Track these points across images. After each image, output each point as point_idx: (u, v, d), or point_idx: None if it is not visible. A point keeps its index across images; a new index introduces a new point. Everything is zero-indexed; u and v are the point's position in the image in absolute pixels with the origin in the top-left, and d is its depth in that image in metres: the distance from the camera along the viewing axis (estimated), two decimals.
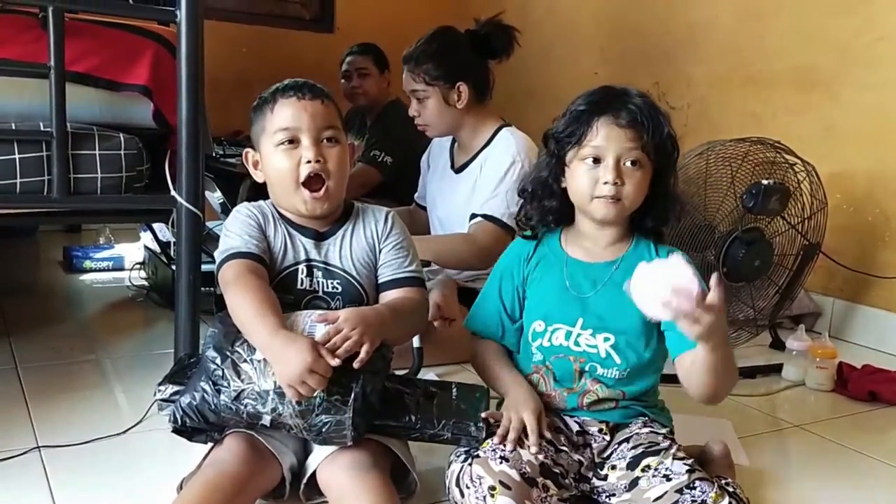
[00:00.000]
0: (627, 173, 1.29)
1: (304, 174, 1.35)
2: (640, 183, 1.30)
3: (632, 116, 1.29)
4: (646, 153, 1.29)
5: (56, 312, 2.64)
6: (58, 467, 1.45)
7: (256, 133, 1.41)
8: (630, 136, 1.28)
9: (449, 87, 2.20)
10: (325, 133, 1.37)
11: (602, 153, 1.29)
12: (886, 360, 2.33)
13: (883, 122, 2.53)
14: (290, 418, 1.23)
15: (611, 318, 1.34)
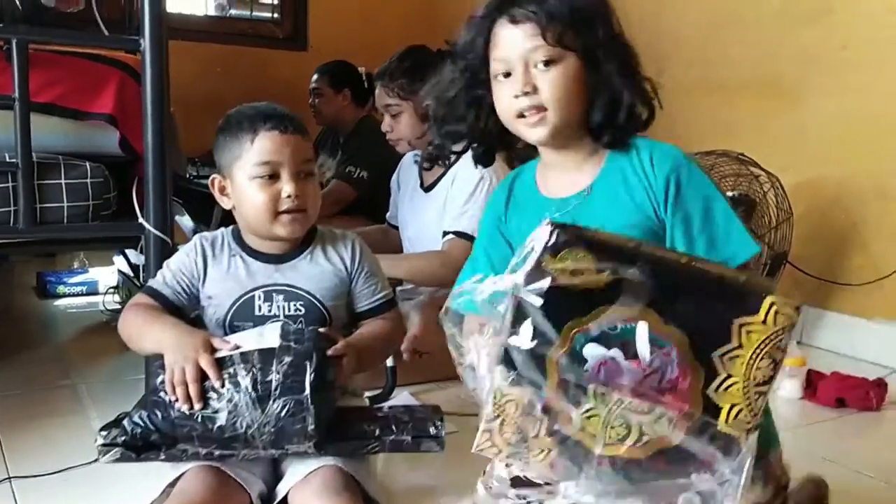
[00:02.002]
0: (540, 76, 1.08)
1: (284, 208, 1.36)
2: (563, 82, 1.08)
3: (527, 7, 1.08)
4: (557, 44, 1.07)
5: (30, 338, 2.62)
6: (29, 498, 1.45)
7: (228, 159, 1.39)
8: (530, 31, 1.07)
9: (422, 102, 2.23)
10: (303, 167, 1.38)
11: (508, 64, 1.10)
12: (855, 364, 2.37)
13: (848, 129, 2.58)
14: (247, 410, 1.22)
15: None
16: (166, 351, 1.27)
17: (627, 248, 0.80)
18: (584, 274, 0.79)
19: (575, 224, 0.89)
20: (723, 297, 0.75)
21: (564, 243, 0.81)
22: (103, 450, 1.27)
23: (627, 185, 1.10)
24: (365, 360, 1.39)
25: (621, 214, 1.10)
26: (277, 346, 1.26)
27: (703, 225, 1.07)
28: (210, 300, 1.41)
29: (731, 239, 1.06)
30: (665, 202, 1.08)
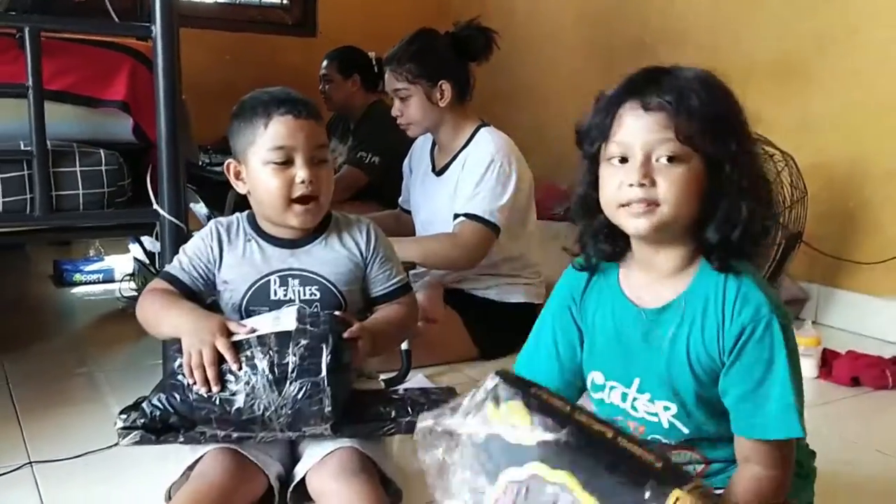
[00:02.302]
0: (661, 171, 0.98)
1: (298, 194, 1.36)
2: (683, 182, 0.98)
3: (663, 97, 0.98)
4: (687, 143, 0.97)
5: (47, 326, 2.65)
6: (50, 482, 1.47)
7: (242, 144, 1.39)
8: (662, 122, 0.98)
9: (431, 86, 2.23)
10: (317, 153, 1.38)
11: (628, 149, 1.00)
12: (868, 342, 2.36)
13: (860, 110, 2.56)
14: (264, 392, 1.23)
15: (672, 382, 1.06)
16: (183, 335, 1.28)
17: (562, 412, 0.82)
18: (520, 429, 0.82)
19: (520, 378, 0.88)
20: (636, 481, 0.76)
21: (505, 396, 0.84)
22: (123, 432, 1.28)
23: (705, 315, 1.04)
24: (380, 344, 1.39)
25: (696, 345, 1.05)
26: (294, 329, 1.27)
27: (754, 389, 1.01)
28: (226, 285, 1.42)
29: (776, 415, 1.00)
30: (732, 349, 1.02)
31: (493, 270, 2.28)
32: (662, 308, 1.07)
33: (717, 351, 1.03)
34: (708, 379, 1.05)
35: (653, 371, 1.08)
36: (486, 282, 2.29)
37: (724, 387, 1.04)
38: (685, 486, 0.73)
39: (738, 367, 1.02)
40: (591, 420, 0.82)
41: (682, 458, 1.15)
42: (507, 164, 2.18)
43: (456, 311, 2.21)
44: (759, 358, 1.01)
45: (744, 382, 1.02)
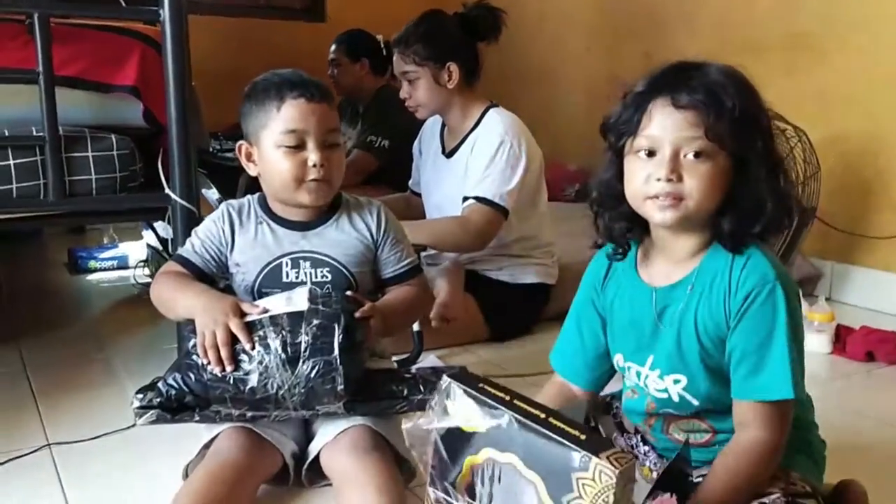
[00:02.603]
0: (689, 167, 1.02)
1: (310, 178, 1.37)
2: (709, 178, 1.02)
3: (694, 95, 1.01)
4: (715, 141, 1.01)
5: (63, 313, 2.68)
6: (68, 463, 1.49)
7: (254, 126, 1.40)
8: (691, 120, 1.01)
9: (439, 68, 2.22)
10: (329, 137, 1.39)
11: (657, 143, 1.04)
12: (883, 319, 2.35)
13: (873, 83, 2.54)
14: (278, 372, 1.24)
15: (682, 354, 1.12)
16: (197, 315, 1.29)
17: (504, 401, 0.93)
18: (472, 419, 0.95)
19: (469, 375, 1.01)
20: (565, 451, 0.87)
21: (456, 393, 0.97)
22: (139, 412, 1.30)
23: (713, 286, 1.08)
24: (391, 324, 1.40)
25: (704, 316, 1.09)
26: (306, 310, 1.28)
27: (755, 351, 1.06)
28: (238, 267, 1.43)
29: (773, 376, 1.05)
30: (737, 313, 1.06)
31: (505, 251, 2.28)
32: (674, 285, 1.12)
33: (723, 318, 1.07)
34: (715, 348, 1.10)
35: (664, 347, 1.13)
36: (499, 262, 2.29)
37: (728, 348, 1.08)
38: (605, 452, 0.83)
39: (740, 329, 1.06)
40: (528, 405, 0.93)
41: (690, 426, 1.18)
42: (516, 145, 2.17)
43: (469, 293, 2.22)
44: (761, 322, 1.05)
45: (745, 344, 1.06)
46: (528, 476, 0.91)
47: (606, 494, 0.83)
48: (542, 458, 0.89)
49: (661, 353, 1.13)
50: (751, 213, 1.04)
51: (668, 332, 1.12)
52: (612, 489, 0.83)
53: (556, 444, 0.87)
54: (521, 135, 2.21)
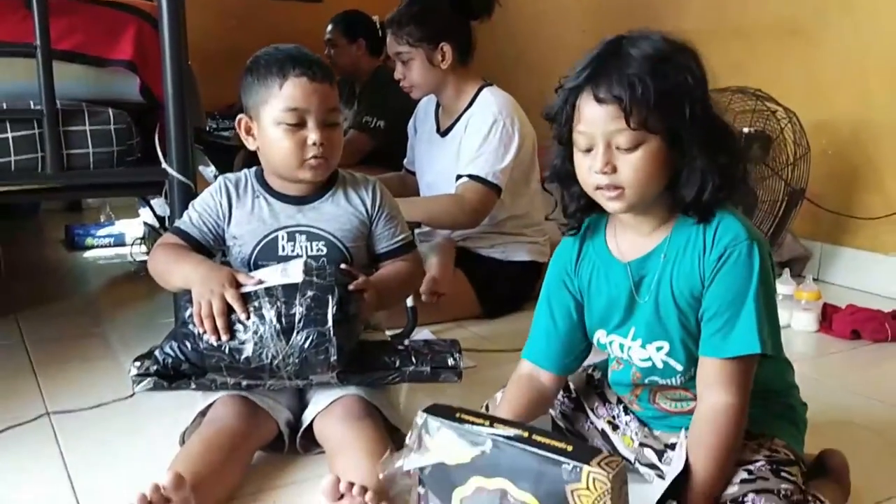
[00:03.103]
0: (621, 158, 1.06)
1: (309, 156, 1.38)
2: (642, 165, 1.06)
3: (612, 89, 1.04)
4: (640, 129, 1.04)
5: (60, 289, 2.70)
6: (67, 431, 1.52)
7: (255, 101, 1.41)
8: (613, 113, 1.04)
9: (432, 48, 2.24)
10: (329, 116, 1.40)
11: (590, 139, 1.07)
12: (870, 299, 2.38)
13: (864, 67, 2.55)
14: (272, 342, 1.27)
15: (662, 321, 1.15)
16: (193, 285, 1.32)
17: (484, 426, 0.92)
18: (454, 451, 0.94)
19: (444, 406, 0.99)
20: (555, 464, 0.86)
21: (433, 427, 0.95)
22: (137, 379, 1.33)
23: (686, 250, 1.12)
24: (385, 298, 1.43)
25: (679, 279, 1.12)
26: (301, 281, 1.30)
27: (728, 307, 1.08)
28: (235, 240, 1.45)
29: (741, 332, 1.07)
30: (711, 272, 1.09)
31: (497, 229, 2.31)
32: (646, 256, 1.15)
33: (698, 278, 1.11)
34: (692, 310, 1.13)
35: (643, 317, 1.16)
36: (491, 240, 2.31)
37: (703, 306, 1.11)
38: (595, 459, 0.84)
39: (714, 287, 1.10)
40: (509, 426, 0.93)
41: (677, 395, 1.20)
42: (509, 124, 2.19)
43: (461, 269, 2.24)
44: (735, 279, 1.08)
45: (719, 301, 1.09)
46: (520, 498, 0.90)
47: (604, 500, 0.84)
48: (533, 477, 0.88)
49: (642, 323, 1.16)
50: (696, 185, 1.07)
51: (647, 302, 1.15)
52: (609, 494, 0.83)
53: (544, 460, 0.87)
54: (515, 113, 2.23)
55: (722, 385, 1.09)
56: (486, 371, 1.81)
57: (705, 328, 1.11)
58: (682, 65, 1.06)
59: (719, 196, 1.08)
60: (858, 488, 1.28)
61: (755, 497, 1.04)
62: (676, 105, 1.04)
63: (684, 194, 1.08)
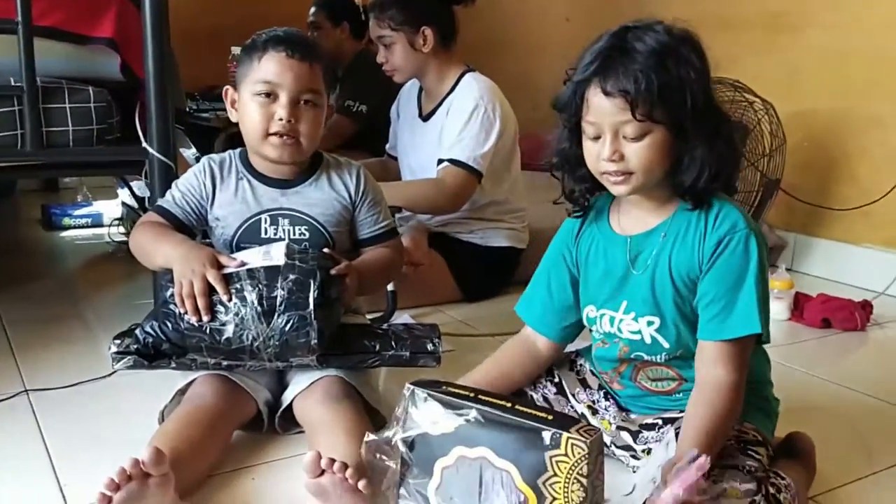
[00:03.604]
0: (628, 146, 1.12)
1: (274, 130, 1.39)
2: (648, 153, 1.12)
3: (618, 83, 1.09)
4: (645, 120, 1.09)
5: (37, 269, 2.69)
6: (46, 409, 1.52)
7: (240, 75, 1.43)
8: (620, 105, 1.09)
9: (414, 32, 2.24)
10: (305, 95, 1.40)
11: (598, 129, 1.13)
12: (842, 289, 2.42)
13: (844, 62, 2.59)
14: (253, 324, 1.27)
15: (656, 297, 1.20)
16: (175, 265, 1.32)
17: (468, 397, 0.96)
18: (438, 423, 0.97)
19: (430, 381, 1.04)
20: (536, 432, 0.90)
21: (420, 398, 0.99)
22: (116, 357, 1.33)
23: (687, 231, 1.17)
24: (366, 283, 1.44)
25: (677, 259, 1.17)
26: (282, 264, 1.31)
27: (726, 293, 1.14)
28: (218, 221, 1.45)
29: (741, 315, 1.13)
30: (710, 257, 1.15)
31: (477, 214, 2.32)
32: (647, 232, 1.21)
33: (696, 261, 1.16)
34: (688, 291, 1.18)
35: (638, 291, 1.21)
36: (471, 225, 2.33)
37: (700, 293, 1.17)
38: (573, 427, 0.88)
39: (713, 273, 1.15)
40: (493, 398, 0.97)
41: (659, 373, 1.24)
42: (490, 109, 2.21)
43: (440, 254, 2.26)
44: (732, 267, 1.14)
45: (717, 287, 1.15)
46: (501, 466, 0.93)
47: (581, 466, 0.87)
48: (513, 446, 0.92)
49: (636, 297, 1.21)
50: (695, 172, 1.13)
51: (642, 276, 1.20)
52: (585, 460, 0.87)
53: (525, 429, 0.91)
54: (496, 99, 2.24)
55: (720, 364, 1.14)
56: (465, 355, 1.81)
57: (703, 314, 1.16)
58: (684, 57, 1.12)
59: (713, 185, 1.14)
60: (824, 470, 1.32)
61: (720, 472, 1.08)
62: (679, 97, 1.10)
63: (683, 179, 1.14)
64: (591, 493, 0.88)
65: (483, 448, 0.95)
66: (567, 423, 0.90)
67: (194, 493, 1.22)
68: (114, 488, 1.01)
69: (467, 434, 0.95)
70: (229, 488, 1.26)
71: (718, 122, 1.15)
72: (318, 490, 1.05)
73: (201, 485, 1.24)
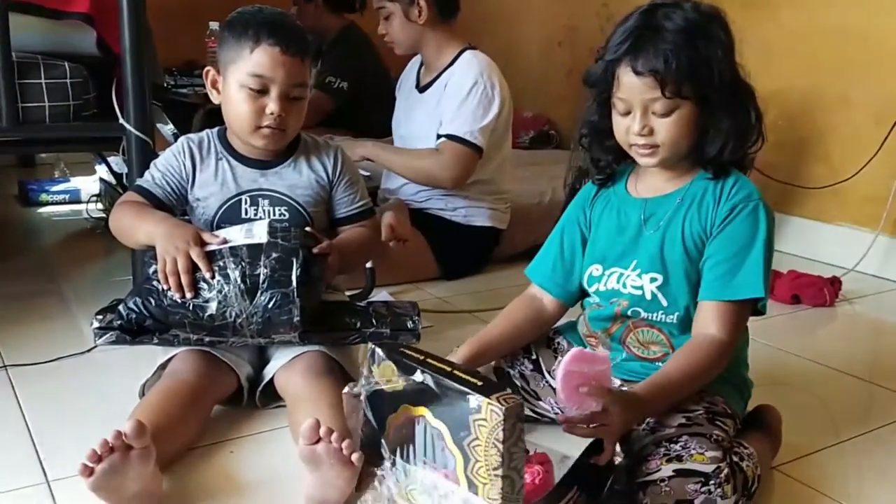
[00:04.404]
0: (657, 121, 1.18)
1: (264, 124, 1.39)
2: (676, 127, 1.18)
3: (649, 63, 1.14)
4: (673, 97, 1.15)
5: (14, 245, 2.67)
6: (25, 384, 1.53)
7: (225, 58, 1.41)
8: (650, 83, 1.15)
9: (409, 3, 2.25)
10: (294, 91, 1.40)
11: (628, 105, 1.19)
12: (814, 266, 2.45)
13: (817, 41, 2.61)
14: (236, 301, 1.29)
15: (663, 255, 1.24)
16: (158, 242, 1.32)
17: (417, 360, 1.03)
18: (391, 381, 1.04)
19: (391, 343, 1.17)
20: (464, 396, 0.95)
21: (379, 357, 1.07)
22: (99, 332, 1.34)
23: (703, 197, 1.23)
24: (347, 261, 1.46)
25: (691, 222, 1.22)
26: (265, 243, 1.32)
27: (734, 255, 1.19)
28: (199, 202, 1.46)
29: (746, 277, 1.18)
30: (722, 221, 1.20)
31: (460, 192, 2.31)
32: (664, 196, 1.27)
33: (709, 223, 1.22)
34: (697, 253, 1.23)
35: (647, 249, 1.26)
36: (453, 203, 2.33)
37: (707, 253, 1.22)
38: (495, 394, 0.93)
39: (723, 235, 1.21)
40: (440, 363, 1.02)
41: (650, 336, 1.29)
42: (489, 86, 2.21)
43: (420, 232, 2.27)
44: (743, 231, 1.20)
45: (725, 249, 1.20)
46: (436, 425, 0.99)
47: (497, 432, 0.92)
48: (447, 407, 0.98)
49: (644, 255, 1.26)
50: (719, 144, 1.19)
51: (653, 235, 1.25)
52: (501, 426, 0.91)
53: (457, 393, 0.96)
54: (496, 76, 2.25)
55: (716, 323, 1.19)
56: (443, 332, 1.85)
57: (708, 273, 1.21)
58: (712, 35, 1.17)
59: (735, 156, 1.20)
60: (792, 441, 1.36)
61: (688, 439, 1.12)
62: (707, 73, 1.15)
63: (707, 150, 1.20)
64: (507, 459, 0.92)
65: (423, 408, 1.01)
66: (491, 390, 0.94)
67: (174, 465, 1.24)
68: (96, 460, 1.02)
69: (412, 393, 1.02)
70: (208, 461, 1.29)
71: (743, 95, 1.20)
72: (312, 457, 1.07)
73: (181, 457, 1.27)
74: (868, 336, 2.10)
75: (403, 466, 1.05)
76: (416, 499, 1.04)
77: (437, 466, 1.00)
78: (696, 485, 1.07)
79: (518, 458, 0.94)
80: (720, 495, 1.07)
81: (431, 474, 1.01)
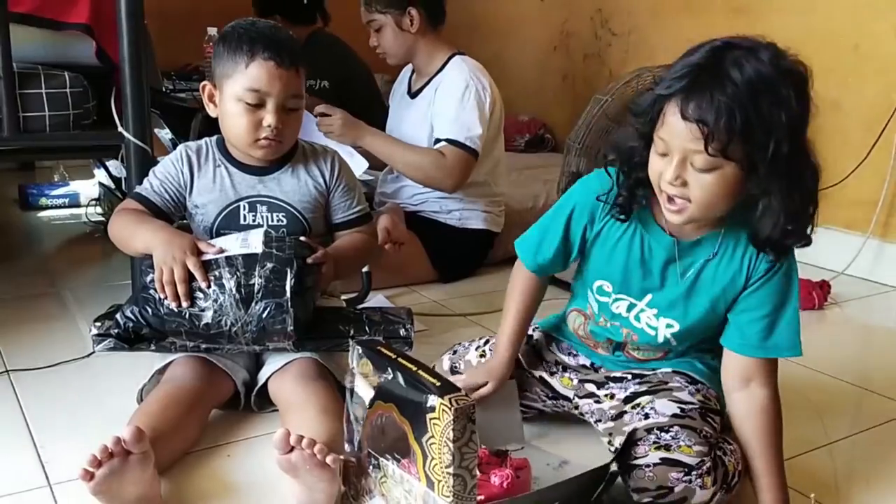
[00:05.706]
0: (693, 176, 1.05)
1: (262, 136, 1.42)
2: (711, 189, 1.05)
3: (700, 111, 1.01)
4: (716, 156, 1.02)
5: (15, 248, 2.69)
6: (27, 388, 1.55)
7: (221, 72, 1.43)
8: (695, 133, 1.01)
9: (400, 13, 2.27)
10: (290, 102, 1.43)
11: (668, 147, 1.06)
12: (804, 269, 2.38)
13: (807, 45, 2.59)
14: (231, 310, 1.32)
15: (687, 307, 1.22)
16: (155, 251, 1.35)
17: (390, 359, 1.07)
18: (369, 376, 1.10)
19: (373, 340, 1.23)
20: (422, 395, 1.00)
21: (362, 355, 1.12)
22: (97, 339, 1.36)
23: (734, 254, 1.18)
24: (342, 268, 1.48)
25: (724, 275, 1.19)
26: (260, 253, 1.34)
27: (772, 313, 1.17)
28: (197, 209, 1.48)
29: (785, 335, 1.18)
30: (757, 280, 1.17)
31: (455, 195, 2.33)
32: (698, 240, 1.20)
33: (743, 278, 1.18)
34: (722, 306, 1.21)
35: (668, 293, 1.23)
36: (448, 206, 2.36)
37: (742, 307, 1.20)
38: (448, 395, 0.97)
39: (760, 293, 1.18)
40: (410, 363, 1.06)
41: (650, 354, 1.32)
42: (480, 89, 2.24)
43: (416, 235, 2.29)
44: (780, 289, 1.17)
45: (764, 306, 1.18)
46: (400, 422, 1.04)
47: (447, 431, 0.96)
48: (409, 405, 1.02)
49: (665, 298, 1.23)
50: (770, 223, 1.08)
51: (678, 281, 1.21)
52: (451, 425, 0.95)
53: (417, 392, 1.00)
54: (485, 79, 2.28)
55: (759, 379, 1.19)
56: (439, 335, 1.88)
57: (746, 327, 1.19)
58: (781, 98, 1.03)
59: (789, 240, 1.10)
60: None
61: (679, 430, 1.16)
62: (763, 139, 1.01)
63: (758, 228, 1.09)
64: (458, 458, 0.97)
65: (391, 404, 1.06)
66: (446, 391, 0.98)
67: (172, 468, 1.27)
68: (96, 465, 1.05)
69: (384, 390, 1.07)
70: (206, 464, 1.31)
71: (800, 173, 1.06)
72: (288, 466, 1.10)
73: (179, 461, 1.29)
74: (857, 339, 2.12)
75: (378, 460, 1.10)
76: (391, 490, 1.09)
77: (403, 462, 1.05)
78: (678, 473, 1.12)
79: (470, 458, 0.98)
80: (699, 485, 1.12)
81: (399, 469, 1.06)
